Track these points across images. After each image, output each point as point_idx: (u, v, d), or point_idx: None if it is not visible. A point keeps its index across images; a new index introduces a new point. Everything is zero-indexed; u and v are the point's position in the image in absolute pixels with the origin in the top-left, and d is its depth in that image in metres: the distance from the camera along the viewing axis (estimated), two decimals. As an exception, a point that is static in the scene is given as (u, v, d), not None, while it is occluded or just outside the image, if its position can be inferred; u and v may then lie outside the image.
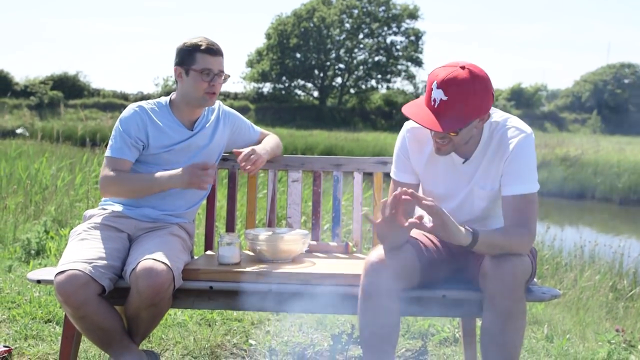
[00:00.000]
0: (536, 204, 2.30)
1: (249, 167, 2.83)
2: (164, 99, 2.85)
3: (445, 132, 2.21)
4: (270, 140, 3.07)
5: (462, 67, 2.18)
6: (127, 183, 2.69)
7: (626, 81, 42.24)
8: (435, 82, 2.19)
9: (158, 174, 2.66)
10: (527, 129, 2.35)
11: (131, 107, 2.79)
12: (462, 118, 2.18)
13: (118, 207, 2.78)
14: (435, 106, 2.19)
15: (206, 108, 2.90)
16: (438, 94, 2.17)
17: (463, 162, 2.41)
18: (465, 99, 2.16)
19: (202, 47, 2.70)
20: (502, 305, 2.20)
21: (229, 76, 2.80)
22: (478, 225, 2.48)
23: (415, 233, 2.51)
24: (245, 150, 2.85)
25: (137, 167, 2.77)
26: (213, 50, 2.72)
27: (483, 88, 2.19)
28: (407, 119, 2.47)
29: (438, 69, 2.23)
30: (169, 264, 2.40)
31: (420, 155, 2.46)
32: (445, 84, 2.16)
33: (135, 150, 2.73)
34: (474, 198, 2.43)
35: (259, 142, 3.06)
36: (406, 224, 2.13)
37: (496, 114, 2.39)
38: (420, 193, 2.58)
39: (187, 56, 2.72)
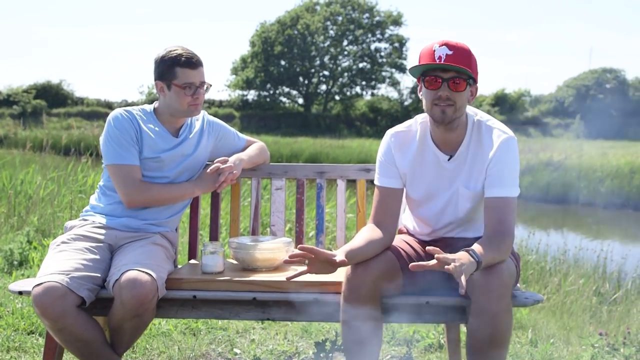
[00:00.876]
0: (515, 208, 2.34)
1: (222, 182, 2.85)
2: (148, 107, 2.84)
3: (463, 74, 2.28)
4: (254, 148, 3.06)
5: None
6: (163, 192, 2.75)
7: (608, 86, 42.59)
8: (435, 44, 2.29)
9: (185, 184, 2.82)
10: (510, 132, 2.40)
11: (119, 112, 2.74)
12: (470, 69, 2.28)
13: (99, 218, 2.75)
14: (442, 61, 2.27)
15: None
16: (442, 51, 2.28)
17: (448, 159, 2.43)
18: (468, 54, 2.30)
19: (182, 61, 2.67)
20: (489, 311, 2.21)
21: (210, 85, 2.79)
22: (462, 229, 2.50)
23: (395, 241, 2.52)
24: (213, 166, 2.84)
25: None
26: (192, 63, 2.69)
27: (472, 52, 2.33)
28: (390, 125, 2.51)
29: (429, 43, 2.32)
30: (153, 274, 2.39)
31: (405, 156, 2.49)
32: (448, 43, 2.29)
33: (136, 154, 2.71)
34: (459, 198, 2.45)
35: (244, 150, 3.06)
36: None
37: (479, 114, 2.45)
38: (403, 198, 2.60)
39: (167, 71, 2.68)
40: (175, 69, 2.67)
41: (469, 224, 2.51)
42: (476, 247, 2.21)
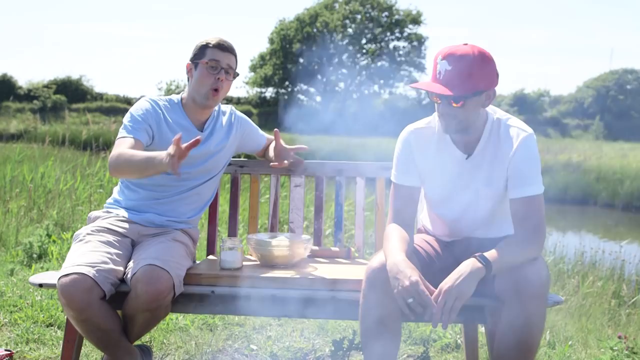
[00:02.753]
0: (542, 204, 2.32)
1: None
2: (176, 97, 2.86)
3: (451, 97, 2.23)
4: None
5: (465, 44, 2.26)
6: (130, 158, 2.47)
7: (629, 87, 42.20)
8: (439, 56, 2.26)
9: (152, 154, 2.42)
10: (529, 129, 2.37)
11: (144, 99, 2.79)
12: (467, 87, 2.22)
13: (123, 212, 2.77)
14: (441, 77, 2.24)
15: (216, 109, 2.90)
16: (443, 66, 2.24)
17: (466, 158, 2.41)
18: (469, 69, 2.21)
19: (213, 43, 2.75)
20: (522, 317, 2.18)
21: (238, 74, 2.81)
22: (484, 229, 2.48)
23: (416, 239, 2.51)
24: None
25: None
26: (224, 47, 2.76)
27: (486, 62, 2.25)
28: (406, 123, 2.50)
29: (442, 48, 2.30)
30: (170, 271, 2.40)
31: (425, 154, 2.46)
32: (449, 56, 2.23)
33: (145, 135, 2.68)
34: (479, 199, 2.42)
35: (266, 146, 3.08)
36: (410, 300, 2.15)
37: (498, 113, 2.42)
38: (421, 197, 2.58)
39: (199, 52, 2.77)
40: (206, 50, 2.76)
41: (491, 224, 2.49)
42: (492, 252, 2.20)
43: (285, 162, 2.95)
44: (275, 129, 2.98)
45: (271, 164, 2.97)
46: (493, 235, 2.47)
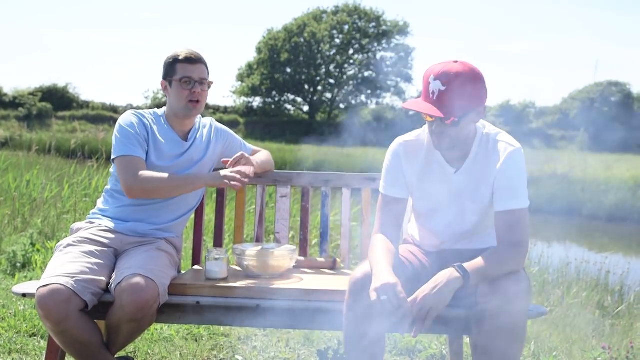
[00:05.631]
0: (527, 218, 2.33)
1: (237, 178, 2.70)
2: (159, 110, 2.89)
3: (446, 118, 2.25)
4: (262, 155, 3.08)
5: (455, 62, 2.27)
6: (167, 180, 2.65)
7: (613, 99, 42.55)
8: (432, 75, 2.26)
9: (189, 174, 2.73)
10: (517, 144, 2.39)
11: (131, 112, 2.81)
12: (460, 106, 2.24)
13: (106, 221, 2.77)
14: (435, 97, 2.25)
15: (197, 121, 2.91)
16: (436, 86, 2.24)
17: (454, 172, 2.42)
18: (462, 88, 2.23)
19: (181, 58, 2.76)
20: (503, 329, 2.19)
21: (212, 83, 2.83)
22: (467, 241, 2.49)
23: (401, 250, 2.52)
24: (236, 155, 2.84)
25: None
26: (192, 59, 2.76)
27: (478, 79, 2.27)
28: (396, 134, 2.51)
29: (433, 65, 2.30)
30: (155, 280, 2.39)
31: (414, 166, 2.47)
32: (443, 76, 2.24)
33: (142, 151, 2.72)
34: (466, 213, 2.44)
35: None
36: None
37: (487, 127, 2.44)
38: (409, 208, 2.59)
39: (169, 68, 2.78)
40: (176, 66, 2.76)
41: (475, 236, 2.50)
42: (472, 263, 2.22)
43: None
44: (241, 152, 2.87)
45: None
46: (477, 247, 2.48)
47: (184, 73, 2.75)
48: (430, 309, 2.15)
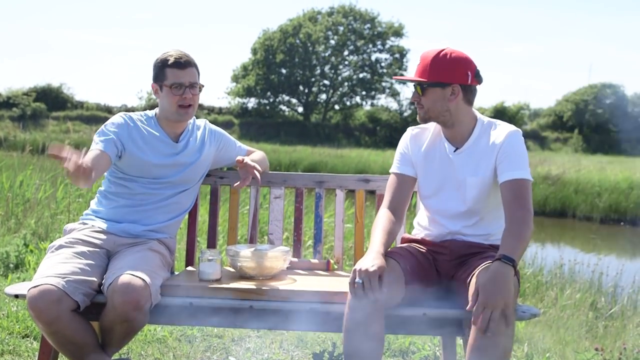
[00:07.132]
0: (530, 191, 2.45)
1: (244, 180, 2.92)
2: (151, 112, 2.88)
3: (414, 82, 2.52)
4: (258, 156, 3.09)
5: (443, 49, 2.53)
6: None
7: (607, 101, 42.64)
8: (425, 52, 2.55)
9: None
10: (518, 128, 2.55)
11: (119, 115, 2.82)
12: (426, 74, 2.49)
13: (99, 222, 2.76)
14: (417, 68, 2.55)
15: (190, 122, 2.91)
16: (417, 62, 2.55)
17: (454, 151, 2.57)
18: (430, 59, 2.49)
19: (170, 62, 2.72)
20: (491, 329, 2.18)
21: (203, 86, 2.81)
22: (471, 226, 2.58)
23: (402, 250, 2.54)
24: (246, 160, 2.92)
25: (127, 183, 2.78)
26: (181, 64, 2.72)
27: (453, 57, 2.49)
28: (389, 136, 2.59)
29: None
30: (147, 280, 2.39)
31: (419, 150, 2.66)
32: (424, 55, 2.54)
33: (114, 147, 2.69)
34: (466, 188, 2.56)
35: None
36: None
37: (487, 119, 2.62)
38: (416, 187, 2.74)
39: (159, 72, 2.75)
40: (165, 70, 2.73)
41: (479, 221, 2.57)
42: (505, 249, 2.27)
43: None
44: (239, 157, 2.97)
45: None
46: (481, 232, 2.58)
47: (174, 79, 2.71)
48: (503, 306, 2.16)
